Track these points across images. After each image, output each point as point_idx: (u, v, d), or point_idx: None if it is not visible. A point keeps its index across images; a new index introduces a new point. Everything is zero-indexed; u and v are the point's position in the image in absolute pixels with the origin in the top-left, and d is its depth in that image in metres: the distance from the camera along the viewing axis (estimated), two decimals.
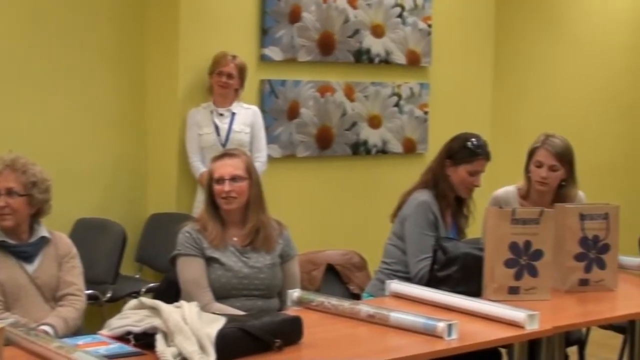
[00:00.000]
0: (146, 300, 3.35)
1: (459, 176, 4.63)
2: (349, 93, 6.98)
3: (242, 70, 6.19)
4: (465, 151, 4.64)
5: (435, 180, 4.65)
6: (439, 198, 4.63)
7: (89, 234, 5.79)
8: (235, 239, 4.22)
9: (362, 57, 7.06)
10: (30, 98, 6.01)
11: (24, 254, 4.01)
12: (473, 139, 4.67)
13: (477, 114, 7.74)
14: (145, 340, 3.21)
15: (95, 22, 6.23)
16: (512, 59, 8.16)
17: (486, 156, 4.68)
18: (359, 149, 7.06)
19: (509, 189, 4.97)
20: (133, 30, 6.36)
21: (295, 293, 3.98)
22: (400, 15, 7.25)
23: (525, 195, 4.90)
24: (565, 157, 4.77)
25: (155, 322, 3.20)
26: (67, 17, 6.12)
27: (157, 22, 6.36)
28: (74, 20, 6.14)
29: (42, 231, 4.08)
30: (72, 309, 3.98)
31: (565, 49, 8.47)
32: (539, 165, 4.76)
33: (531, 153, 4.82)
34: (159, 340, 3.15)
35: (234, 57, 6.16)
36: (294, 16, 6.68)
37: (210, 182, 4.22)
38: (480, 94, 7.84)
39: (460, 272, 4.14)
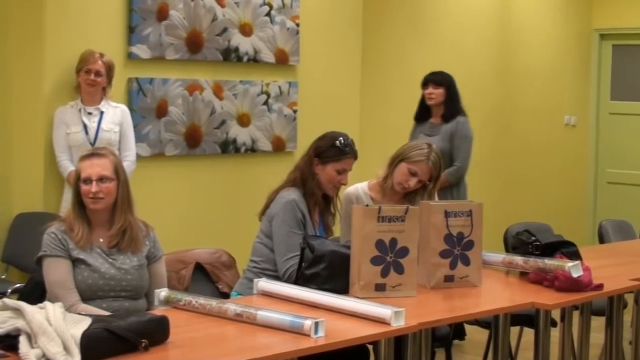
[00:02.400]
0: (9, 301, 3.29)
1: (326, 174, 4.68)
2: (218, 91, 6.98)
3: (110, 68, 6.13)
4: (333, 150, 4.69)
5: (303, 179, 4.69)
6: (307, 196, 4.67)
7: None
8: (101, 240, 4.18)
9: (230, 55, 7.06)
10: None
11: None
12: (341, 138, 4.73)
13: (346, 112, 7.82)
14: (8, 342, 3.15)
15: None
16: (380, 58, 8.28)
17: (354, 155, 4.75)
18: (228, 148, 7.07)
19: (359, 186, 5.05)
20: None
21: (162, 293, 3.97)
22: (268, 14, 7.28)
23: (377, 191, 5.00)
24: (437, 175, 4.93)
25: (19, 323, 3.15)
26: None
27: (21, 18, 6.24)
28: None
29: None
30: None
31: (430, 47, 8.64)
32: (413, 174, 4.87)
33: (407, 158, 4.90)
34: (23, 341, 3.10)
35: (102, 55, 6.09)
36: (162, 14, 6.65)
37: (77, 181, 4.17)
38: (349, 92, 7.92)
39: (328, 270, 4.18)
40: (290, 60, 7.44)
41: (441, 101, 6.81)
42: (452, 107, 6.82)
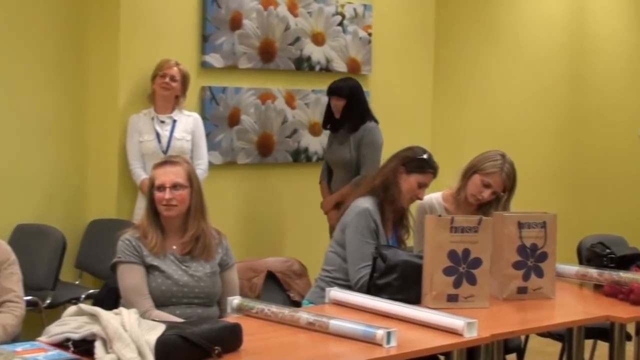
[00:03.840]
0: (85, 306, 3.33)
1: (408, 184, 4.68)
2: (290, 100, 7.01)
3: (185, 77, 6.18)
4: (420, 162, 4.71)
5: (386, 185, 4.68)
6: (384, 204, 4.66)
7: (28, 240, 5.75)
8: (174, 247, 4.21)
9: (302, 64, 7.09)
10: None
11: None
12: (427, 154, 4.75)
13: (418, 122, 7.80)
14: (84, 347, 3.18)
15: (35, 29, 6.18)
16: (452, 67, 8.24)
17: (435, 173, 4.76)
18: (300, 157, 7.09)
19: (433, 196, 5.04)
20: (74, 36, 6.32)
21: (235, 300, 3.98)
22: (340, 24, 7.29)
23: (451, 202, 4.98)
24: (511, 186, 4.89)
25: (95, 328, 3.19)
26: (7, 23, 6.07)
27: (97, 28, 6.32)
28: (14, 27, 6.09)
29: None
30: (11, 315, 3.94)
31: (504, 56, 8.58)
32: (487, 186, 4.84)
33: (481, 169, 4.88)
34: (98, 347, 3.14)
35: (178, 63, 6.16)
36: (235, 23, 6.69)
37: (151, 189, 4.21)
38: (421, 102, 7.90)
39: (400, 280, 4.17)
40: (362, 69, 7.44)
41: (342, 110, 6.54)
42: (355, 115, 6.52)
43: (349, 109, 6.51)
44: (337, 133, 6.62)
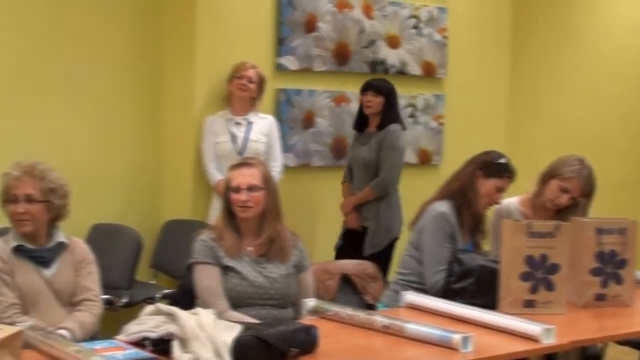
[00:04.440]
0: (163, 306, 3.36)
1: (486, 188, 4.65)
2: None
3: (261, 80, 6.22)
4: (499, 166, 4.67)
5: (463, 189, 4.65)
6: (462, 208, 4.63)
7: (105, 240, 5.81)
8: (250, 248, 4.22)
9: (377, 67, 7.08)
10: (49, 105, 6.04)
11: (42, 259, 4.02)
12: (505, 158, 4.72)
13: (493, 126, 7.75)
14: (161, 346, 3.21)
15: (113, 30, 6.26)
16: (528, 70, 8.15)
17: (513, 177, 4.71)
18: None
19: (510, 200, 5.01)
20: (150, 38, 6.39)
21: (310, 302, 3.98)
22: (416, 27, 7.27)
23: (528, 206, 4.95)
24: (589, 191, 4.84)
25: (172, 328, 3.21)
26: (85, 25, 6.15)
27: (174, 30, 6.39)
28: (92, 29, 6.17)
29: (60, 236, 4.09)
30: (89, 313, 3.99)
31: (582, 62, 8.45)
32: (565, 191, 4.80)
33: (559, 174, 4.83)
34: (176, 346, 3.16)
35: (254, 65, 6.19)
36: (310, 26, 6.71)
37: (227, 190, 4.23)
38: (496, 106, 7.85)
39: (476, 285, 4.14)
40: (437, 73, 7.41)
41: (379, 110, 6.43)
42: (388, 116, 6.44)
43: (384, 107, 6.43)
44: (362, 133, 6.55)
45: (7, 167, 4.04)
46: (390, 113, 6.45)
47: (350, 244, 6.40)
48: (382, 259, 6.13)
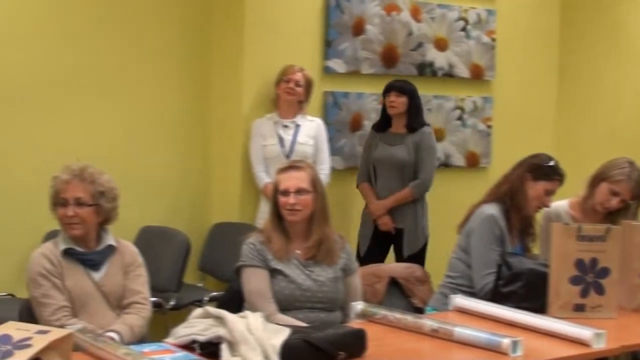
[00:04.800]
0: (212, 309, 3.37)
1: (535, 191, 4.63)
2: None
3: (308, 83, 6.22)
4: (548, 169, 4.65)
5: (512, 192, 4.63)
6: (511, 211, 4.61)
7: (153, 242, 5.83)
8: (298, 251, 4.22)
9: (425, 70, 7.06)
10: (98, 108, 6.08)
11: (91, 262, 4.04)
12: (554, 161, 4.69)
13: (541, 129, 7.70)
14: (210, 349, 3.22)
15: (161, 34, 6.29)
16: (577, 72, 8.08)
17: (562, 180, 4.68)
18: None
19: (559, 204, 4.98)
20: (199, 41, 6.42)
21: (358, 306, 3.98)
22: (464, 29, 7.25)
23: (578, 210, 4.92)
24: (639, 193, 4.78)
25: (221, 331, 3.22)
26: (134, 29, 6.19)
27: (222, 33, 6.41)
28: (140, 32, 6.21)
29: (109, 239, 4.11)
30: (138, 316, 4.00)
31: (630, 63, 8.34)
32: (615, 194, 4.77)
33: (608, 177, 4.80)
34: (224, 349, 3.17)
35: (302, 69, 6.19)
36: (358, 29, 6.70)
37: (275, 193, 4.23)
38: (544, 109, 7.80)
39: (525, 288, 4.12)
40: (486, 75, 7.38)
41: (403, 110, 6.36)
42: (413, 116, 6.39)
43: (409, 107, 6.38)
44: (384, 133, 6.46)
45: (57, 170, 4.07)
46: (417, 113, 6.43)
47: (379, 246, 6.38)
48: (419, 260, 6.15)
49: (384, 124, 6.46)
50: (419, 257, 6.23)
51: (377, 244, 6.39)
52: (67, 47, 5.97)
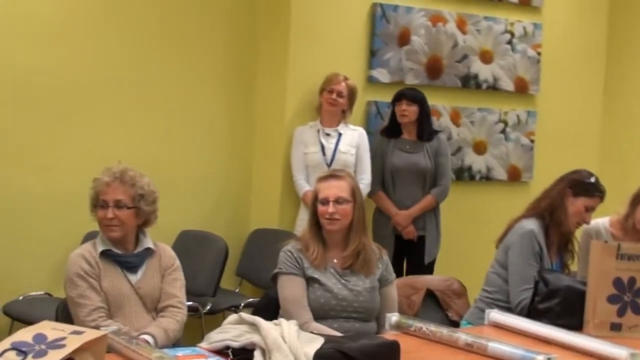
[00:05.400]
0: (246, 315, 3.38)
1: (575, 207, 4.60)
2: (455, 118, 6.96)
3: (352, 92, 6.21)
4: (588, 185, 4.62)
5: (552, 207, 4.61)
6: (551, 227, 4.59)
7: (191, 246, 5.85)
8: (335, 260, 4.22)
9: (469, 82, 7.04)
10: (142, 111, 6.13)
11: (129, 264, 4.06)
12: (595, 177, 4.66)
13: (585, 144, 7.64)
14: (243, 355, 3.23)
15: (207, 39, 6.32)
16: (623, 88, 8.00)
17: (602, 197, 4.65)
18: (463, 175, 7.03)
19: (599, 221, 4.96)
20: (243, 47, 6.44)
21: (393, 317, 3.97)
22: (509, 42, 7.21)
23: (618, 228, 4.88)
24: None
25: (254, 338, 3.22)
26: (180, 34, 6.23)
27: (267, 40, 6.42)
28: (186, 38, 6.25)
29: (148, 242, 4.13)
30: (173, 320, 4.01)
31: None
32: None
33: None
34: (257, 356, 3.17)
35: (346, 78, 6.19)
36: (403, 39, 6.69)
37: (315, 202, 4.23)
38: (589, 124, 7.74)
39: (562, 305, 4.09)
40: (530, 89, 7.34)
41: (414, 119, 6.30)
42: (426, 124, 6.36)
43: (419, 117, 6.33)
44: (397, 140, 6.39)
45: (98, 172, 4.10)
46: (428, 121, 6.40)
47: (400, 255, 6.36)
48: (433, 267, 6.25)
49: (394, 130, 6.41)
50: (433, 265, 6.33)
51: (400, 253, 6.35)
52: (111, 50, 6.01)
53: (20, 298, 5.68)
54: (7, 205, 5.73)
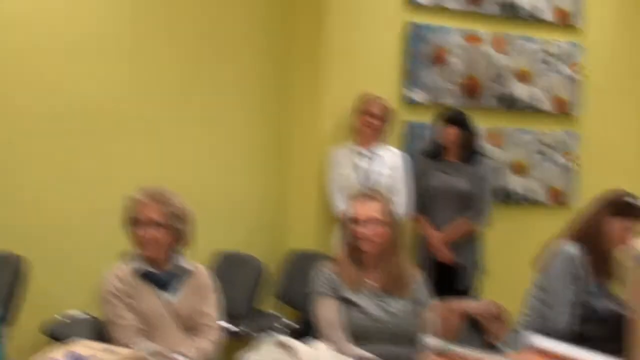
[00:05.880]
0: (282, 337, 3.35)
1: (614, 229, 4.52)
2: (494, 139, 6.89)
3: (387, 113, 6.18)
4: (626, 205, 4.54)
5: (590, 230, 4.54)
6: (589, 250, 4.51)
7: (229, 267, 5.86)
8: (370, 282, 4.18)
9: (507, 102, 6.98)
10: (180, 133, 6.17)
11: (164, 284, 4.04)
12: (632, 197, 4.58)
13: (629, 165, 7.53)
14: None
15: (242, 62, 6.36)
16: None
17: None
18: (502, 197, 6.96)
19: None
20: (279, 68, 6.45)
21: (430, 340, 3.90)
22: (547, 62, 7.14)
23: None
24: None
25: None
26: (216, 58, 6.28)
27: (302, 61, 6.43)
28: (221, 61, 6.30)
29: (183, 262, 4.11)
30: (208, 340, 4.00)
31: None
32: None
33: None
34: None
35: (381, 99, 6.16)
36: (439, 59, 6.65)
37: (349, 222, 4.19)
38: (632, 145, 7.62)
39: (603, 330, 4.04)
40: (570, 109, 7.27)
41: (457, 141, 6.26)
42: (470, 147, 6.31)
43: (462, 138, 6.28)
44: (438, 162, 6.34)
45: (133, 191, 4.09)
46: (471, 144, 6.33)
47: (439, 279, 6.23)
48: (472, 295, 6.14)
49: (435, 152, 6.36)
50: (471, 292, 6.20)
51: (436, 277, 6.23)
52: (150, 76, 6.07)
53: (58, 317, 5.68)
54: (45, 225, 5.75)
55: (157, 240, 4.01)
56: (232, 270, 5.82)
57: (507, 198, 7.00)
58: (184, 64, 6.14)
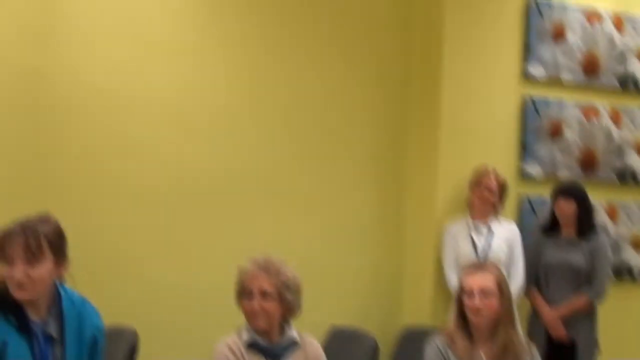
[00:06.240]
0: None
1: None
2: (612, 213, 6.81)
3: (503, 187, 6.16)
4: None
5: None
6: None
7: (341, 343, 5.80)
8: (483, 354, 4.13)
9: (625, 176, 6.89)
10: (294, 206, 6.20)
11: (275, 356, 4.04)
12: None
13: None
14: None
15: (359, 136, 6.40)
16: None
17: None
18: (622, 273, 6.85)
19: None
20: (394, 143, 6.48)
21: None
22: None
23: None
24: None
25: None
26: (333, 131, 6.34)
27: (418, 134, 6.45)
28: (335, 135, 6.34)
29: (293, 333, 4.10)
30: None
31: None
32: None
33: None
34: None
35: (496, 172, 6.13)
36: (556, 132, 6.62)
37: (460, 294, 4.17)
38: None
39: None
40: None
41: (573, 215, 6.12)
42: (586, 221, 6.15)
43: (578, 213, 6.13)
44: (554, 237, 6.21)
45: (244, 263, 4.13)
46: (588, 218, 6.19)
47: (553, 357, 6.05)
48: None
49: (552, 227, 6.25)
50: None
51: (550, 355, 6.06)
52: (266, 151, 6.13)
53: None
54: (161, 299, 5.83)
55: (268, 312, 4.01)
56: (346, 347, 5.78)
57: (627, 274, 6.84)
58: (297, 140, 6.20)
